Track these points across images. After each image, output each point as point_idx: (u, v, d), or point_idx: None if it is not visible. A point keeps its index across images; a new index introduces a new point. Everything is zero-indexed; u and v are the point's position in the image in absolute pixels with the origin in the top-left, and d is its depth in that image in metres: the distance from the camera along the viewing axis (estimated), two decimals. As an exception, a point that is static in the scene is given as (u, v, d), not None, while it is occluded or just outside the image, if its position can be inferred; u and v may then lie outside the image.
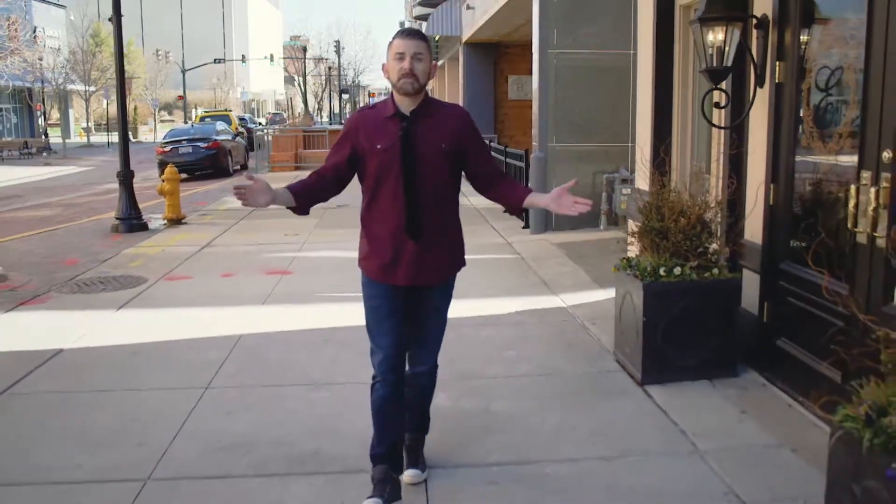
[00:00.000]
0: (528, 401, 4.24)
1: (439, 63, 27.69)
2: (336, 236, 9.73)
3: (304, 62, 60.26)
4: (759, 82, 4.39)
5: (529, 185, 10.01)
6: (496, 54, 19.47)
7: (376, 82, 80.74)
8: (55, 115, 47.52)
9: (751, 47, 4.41)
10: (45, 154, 33.07)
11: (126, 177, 10.81)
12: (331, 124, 38.54)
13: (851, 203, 3.44)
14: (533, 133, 10.20)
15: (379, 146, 2.99)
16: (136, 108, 49.89)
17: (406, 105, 3.02)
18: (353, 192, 3.24)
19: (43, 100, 41.16)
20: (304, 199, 3.06)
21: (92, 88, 41.66)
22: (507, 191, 3.18)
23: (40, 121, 42.25)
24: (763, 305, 4.40)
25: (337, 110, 58.88)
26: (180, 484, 3.39)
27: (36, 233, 11.40)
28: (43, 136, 38.38)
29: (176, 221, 11.45)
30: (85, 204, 15.83)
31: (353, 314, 4.55)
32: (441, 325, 3.25)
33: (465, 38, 19.32)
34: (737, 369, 4.47)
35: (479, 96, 19.49)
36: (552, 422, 3.95)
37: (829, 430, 2.47)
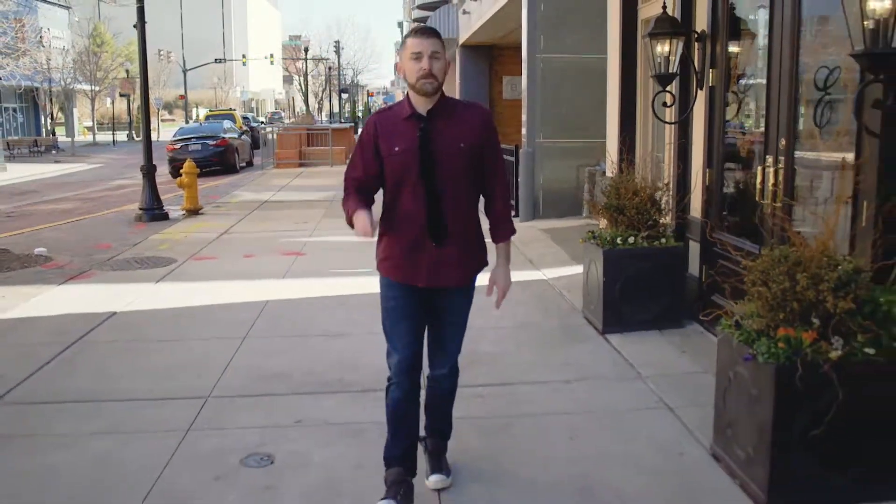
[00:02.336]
0: (509, 345, 5.21)
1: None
2: (343, 224, 10.66)
3: (306, 62, 61.14)
4: (700, 85, 5.35)
5: (520, 178, 10.96)
6: (491, 56, 20.44)
7: (375, 82, 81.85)
8: (58, 114, 48.35)
9: (693, 57, 5.37)
10: (53, 152, 33.93)
11: (149, 170, 11.76)
12: (331, 123, 39.42)
13: (758, 181, 4.40)
14: (522, 130, 11.16)
15: (397, 148, 2.95)
16: (139, 108, 50.75)
17: (423, 105, 2.96)
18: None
19: (51, 99, 42.01)
20: (370, 203, 3.07)
21: (96, 88, 42.54)
22: (490, 215, 3.18)
23: (48, 120, 43.07)
24: (702, 269, 5.36)
25: (336, 109, 59.77)
26: (235, 400, 4.35)
27: (64, 222, 12.35)
28: (52, 135, 39.24)
29: (194, 212, 12.39)
30: (101, 198, 16.76)
31: (363, 285, 5.64)
32: (461, 328, 3.20)
33: (461, 40, 20.29)
34: (682, 322, 5.42)
35: (475, 96, 20.43)
36: (527, 358, 4.92)
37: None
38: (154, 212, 11.82)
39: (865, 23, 2.98)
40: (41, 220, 12.73)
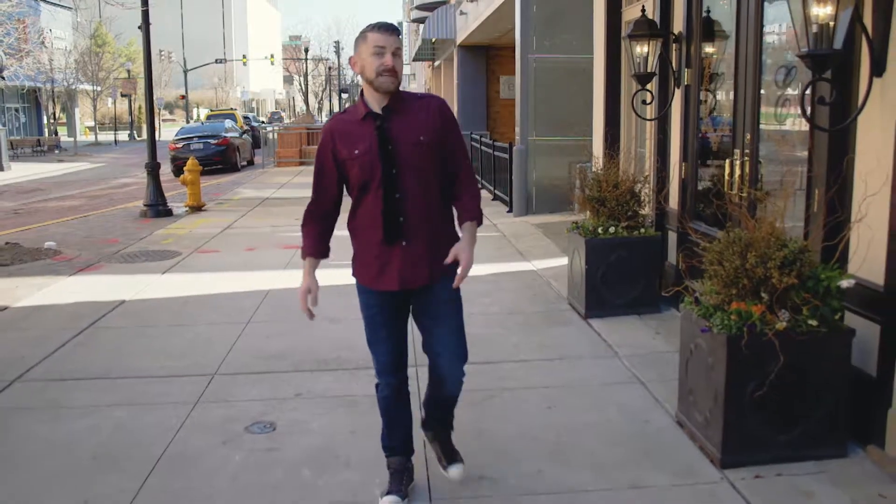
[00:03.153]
0: (496, 328, 5.54)
1: (435, 64, 28.97)
2: (342, 220, 11.03)
3: (307, 63, 61.51)
4: (677, 84, 5.68)
5: (513, 174, 11.29)
6: (488, 56, 20.75)
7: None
8: (60, 114, 48.72)
9: (671, 58, 5.69)
10: (56, 151, 34.28)
11: (153, 168, 12.10)
12: (331, 123, 39.68)
13: (727, 172, 4.73)
14: (516, 129, 11.49)
15: (357, 151, 2.90)
16: (140, 108, 51.16)
17: (378, 103, 2.91)
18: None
19: (54, 99, 42.36)
20: (326, 250, 3.19)
21: (98, 88, 42.92)
22: (456, 203, 3.08)
23: (50, 120, 43.40)
24: (678, 257, 5.68)
25: (337, 109, 60.15)
26: (238, 376, 4.68)
27: (71, 218, 12.68)
28: (54, 135, 39.59)
29: (196, 208, 12.73)
30: (105, 196, 17.08)
31: None
32: (456, 321, 3.08)
33: (459, 41, 20.60)
34: (660, 307, 5.75)
35: (473, 95, 20.80)
36: (513, 340, 5.25)
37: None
38: (158, 208, 12.16)
39: (810, 27, 3.30)
40: (48, 217, 13.06)
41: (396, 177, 2.89)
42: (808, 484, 3.19)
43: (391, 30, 2.90)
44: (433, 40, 23.67)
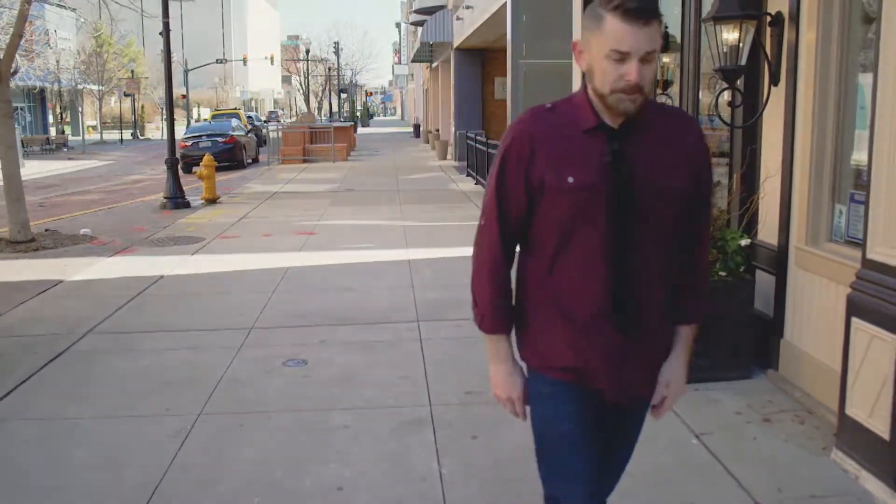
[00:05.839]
0: (485, 295, 6.55)
1: (433, 65, 30.01)
2: (348, 211, 12.11)
3: (308, 63, 62.56)
4: (639, 88, 6.68)
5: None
6: (483, 59, 21.82)
7: (373, 81, 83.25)
8: (66, 115, 49.73)
9: (633, 65, 6.70)
10: (64, 150, 35.22)
11: (173, 163, 13.11)
12: (331, 121, 40.74)
13: (674, 162, 5.74)
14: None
15: (572, 179, 1.86)
16: (143, 107, 52.16)
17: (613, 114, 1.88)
18: (358, 176, 5.47)
19: (60, 98, 43.35)
20: (511, 314, 2.07)
21: (103, 88, 43.94)
22: (685, 279, 2.05)
23: (57, 119, 44.40)
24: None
25: (336, 109, 61.12)
26: (271, 329, 5.68)
27: (96, 210, 13.69)
28: (62, 133, 40.60)
29: (212, 201, 13.72)
30: (122, 190, 18.07)
31: (367, 256, 7.20)
32: (632, 448, 2.21)
33: (455, 44, 21.64)
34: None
35: (469, 96, 21.86)
36: (498, 303, 6.25)
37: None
38: (177, 200, 13.15)
39: (721, 48, 4.32)
40: (73, 209, 14.04)
41: (629, 230, 1.90)
42: (716, 395, 4.21)
43: (644, 18, 1.75)
44: (431, 43, 24.72)
